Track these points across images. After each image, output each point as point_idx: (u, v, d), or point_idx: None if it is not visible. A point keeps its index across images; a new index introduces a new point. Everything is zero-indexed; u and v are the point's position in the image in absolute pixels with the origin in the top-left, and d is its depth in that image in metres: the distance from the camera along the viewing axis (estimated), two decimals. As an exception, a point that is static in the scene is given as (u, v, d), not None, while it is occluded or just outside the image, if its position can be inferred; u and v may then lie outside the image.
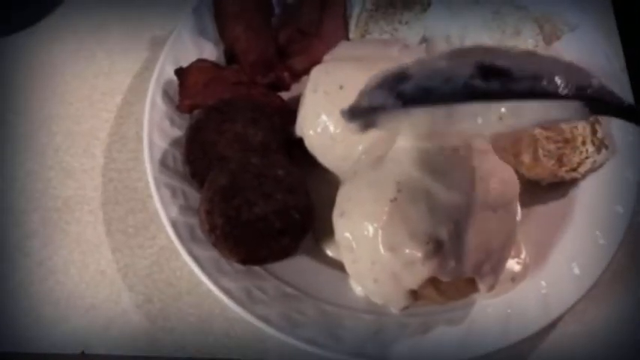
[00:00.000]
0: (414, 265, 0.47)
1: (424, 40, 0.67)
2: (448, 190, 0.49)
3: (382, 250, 0.48)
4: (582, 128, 0.59)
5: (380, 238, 0.48)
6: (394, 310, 0.53)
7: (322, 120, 0.56)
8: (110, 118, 0.66)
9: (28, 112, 0.67)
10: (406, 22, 0.67)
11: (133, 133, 0.65)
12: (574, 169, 0.59)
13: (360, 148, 0.55)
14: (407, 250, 0.47)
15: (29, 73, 0.69)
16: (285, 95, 0.64)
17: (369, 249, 0.49)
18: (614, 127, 0.61)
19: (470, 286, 0.50)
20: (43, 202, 0.62)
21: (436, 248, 0.47)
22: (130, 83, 0.68)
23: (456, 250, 0.47)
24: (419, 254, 0.47)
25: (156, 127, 0.59)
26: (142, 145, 0.60)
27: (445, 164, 0.49)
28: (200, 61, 0.61)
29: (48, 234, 0.61)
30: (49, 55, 0.70)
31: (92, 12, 0.73)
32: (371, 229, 0.48)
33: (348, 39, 0.67)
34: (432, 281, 0.48)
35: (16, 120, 0.66)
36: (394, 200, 0.48)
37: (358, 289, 0.55)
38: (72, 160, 0.64)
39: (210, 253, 0.54)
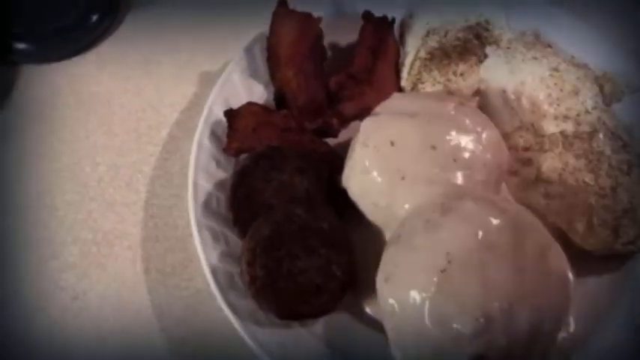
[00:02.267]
0: (461, 342, 0.45)
1: (478, 93, 0.65)
2: (503, 266, 0.47)
3: (428, 323, 0.46)
4: (642, 198, 0.57)
5: (427, 310, 0.46)
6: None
7: (371, 175, 0.55)
8: (155, 152, 0.66)
9: (74, 142, 0.67)
10: (461, 74, 0.65)
11: (177, 168, 0.65)
12: (631, 242, 0.56)
13: (408, 207, 0.53)
14: (455, 326, 0.45)
15: (77, 101, 0.69)
16: (332, 142, 0.62)
17: (415, 320, 0.47)
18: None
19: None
20: (82, 234, 0.62)
21: (487, 325, 0.45)
22: (177, 118, 0.68)
23: (507, 329, 0.45)
24: (467, 331, 0.45)
25: (201, 168, 0.59)
26: (185, 182, 0.60)
27: (503, 238, 0.47)
28: (250, 104, 0.61)
29: (85, 268, 0.60)
30: (98, 85, 0.70)
31: (142, 44, 0.73)
32: (418, 298, 0.47)
33: (400, 87, 0.66)
34: (480, 358, 0.46)
35: (61, 148, 0.66)
36: (444, 271, 0.46)
37: (398, 356, 0.53)
38: (114, 192, 0.64)
39: (247, 303, 0.53)
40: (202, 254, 0.55)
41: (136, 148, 0.66)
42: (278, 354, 0.51)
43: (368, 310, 0.56)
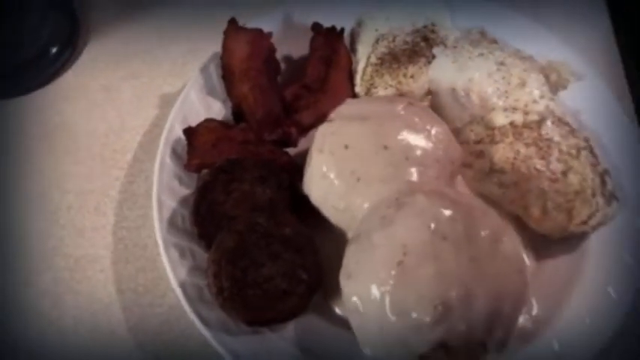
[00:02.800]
0: (422, 330, 0.47)
1: (429, 93, 0.67)
2: (457, 254, 0.48)
3: (390, 315, 0.48)
4: (591, 180, 0.59)
5: (387, 303, 0.48)
6: (404, 372, 0.52)
7: (329, 179, 0.57)
8: (121, 176, 0.67)
9: (41, 171, 0.68)
10: (411, 76, 0.67)
11: (143, 190, 0.66)
12: (584, 223, 0.58)
13: (366, 206, 0.55)
14: (415, 315, 0.47)
15: (42, 132, 0.71)
16: (292, 151, 0.64)
17: (377, 313, 0.49)
18: (624, 177, 0.61)
19: (480, 350, 0.49)
20: (55, 261, 0.63)
21: (445, 312, 0.46)
22: (141, 141, 0.70)
23: (465, 314, 0.47)
24: (427, 319, 0.47)
25: (165, 187, 0.60)
26: (152, 203, 0.61)
27: (455, 228, 0.49)
28: (208, 120, 0.62)
29: (59, 294, 0.61)
30: (61, 115, 0.72)
31: (102, 72, 0.75)
32: (378, 293, 0.48)
33: (353, 93, 0.68)
34: (442, 345, 0.48)
35: (28, 180, 0.67)
36: (401, 263, 0.48)
37: (367, 351, 0.54)
38: (83, 218, 0.65)
39: (217, 314, 0.54)
40: (170, 271, 0.56)
41: (102, 173, 0.68)
42: (250, 360, 0.52)
43: (337, 310, 0.57)
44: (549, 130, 0.62)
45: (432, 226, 0.49)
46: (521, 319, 0.54)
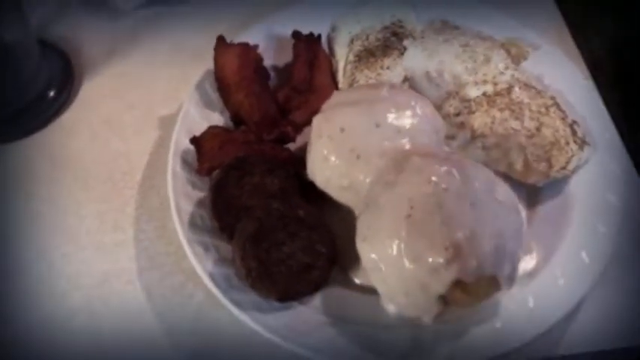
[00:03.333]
0: (438, 271, 0.52)
1: (406, 79, 0.74)
2: (458, 202, 0.54)
3: (407, 264, 0.53)
4: (563, 131, 0.66)
5: (403, 253, 0.53)
6: (427, 320, 0.56)
7: (330, 161, 0.62)
8: (134, 194, 0.71)
9: (56, 201, 0.72)
10: (388, 67, 0.74)
11: (157, 204, 0.70)
12: (564, 168, 0.64)
13: (368, 180, 0.60)
14: (430, 259, 0.52)
15: (50, 166, 0.74)
16: (291, 147, 0.70)
17: (396, 265, 0.53)
18: (591, 126, 0.68)
19: (493, 284, 0.54)
20: (82, 281, 0.66)
21: (456, 252, 0.52)
22: (148, 160, 0.74)
23: (474, 251, 0.52)
24: (441, 260, 0.51)
25: (180, 193, 0.65)
26: (167, 214, 0.65)
27: (452, 180, 0.54)
28: (212, 127, 0.68)
29: (92, 310, 0.64)
30: (67, 149, 0.76)
31: (101, 106, 0.79)
32: (394, 246, 0.53)
33: (338, 89, 0.74)
34: (459, 284, 0.53)
35: (45, 210, 0.71)
36: (409, 217, 0.53)
37: (390, 308, 0.58)
38: (103, 238, 0.69)
39: (248, 297, 0.58)
40: (197, 265, 0.60)
41: (115, 194, 0.72)
42: (287, 333, 0.56)
43: (355, 279, 0.61)
44: (518, 95, 0.69)
45: (432, 179, 0.54)
46: (525, 260, 0.60)
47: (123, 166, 0.74)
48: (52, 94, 0.80)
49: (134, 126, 0.77)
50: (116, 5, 0.88)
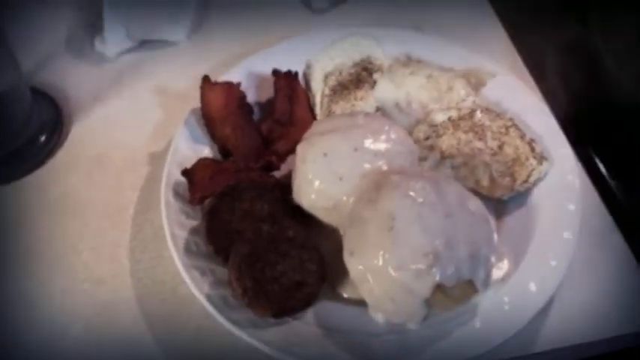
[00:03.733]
0: (421, 277, 0.57)
1: (378, 109, 0.80)
2: (435, 214, 0.60)
3: (392, 272, 0.58)
4: (522, 148, 0.73)
5: (388, 262, 0.58)
6: (413, 325, 0.61)
7: (315, 184, 0.67)
8: (127, 228, 0.75)
9: (53, 239, 0.74)
10: (361, 99, 0.81)
11: (151, 235, 0.74)
12: (525, 181, 0.71)
13: (351, 200, 0.66)
14: (413, 266, 0.57)
15: (45, 205, 0.77)
16: (276, 174, 0.75)
17: (382, 274, 0.58)
18: (547, 143, 0.75)
19: (471, 288, 0.60)
20: (83, 311, 0.68)
21: (435, 258, 0.57)
22: (139, 196, 0.78)
23: (451, 257, 0.57)
24: (423, 266, 0.57)
25: (174, 222, 0.68)
26: (162, 244, 0.69)
27: (428, 194, 0.60)
28: (202, 159, 0.72)
29: (93, 340, 0.66)
30: (60, 187, 0.79)
31: (91, 147, 0.83)
32: (379, 257, 0.58)
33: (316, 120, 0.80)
34: (439, 288, 0.58)
35: (43, 247, 0.73)
36: (392, 229, 0.59)
37: (378, 317, 0.63)
38: (101, 270, 0.71)
39: (245, 315, 0.62)
40: (194, 288, 0.64)
41: (109, 228, 0.75)
42: (283, 346, 0.60)
43: (344, 293, 0.66)
44: (480, 118, 0.76)
45: (410, 194, 0.60)
46: (497, 267, 0.65)
47: (117, 201, 0.77)
48: (43, 138, 0.84)
49: (125, 163, 0.81)
50: (101, 52, 0.93)
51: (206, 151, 0.76)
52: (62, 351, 0.66)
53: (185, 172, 0.71)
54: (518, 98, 0.79)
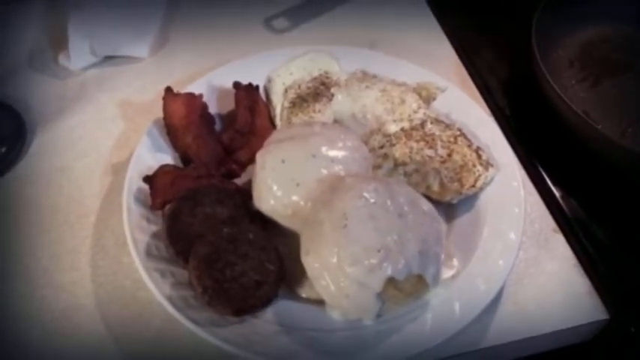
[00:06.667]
0: (373, 271, 0.60)
1: (335, 121, 0.84)
2: (387, 213, 0.63)
3: (346, 268, 0.60)
4: (470, 155, 0.77)
5: (343, 259, 0.60)
6: (368, 320, 0.64)
7: (273, 190, 0.69)
8: (89, 235, 0.76)
9: (12, 246, 0.75)
10: (319, 111, 0.84)
11: (111, 242, 0.75)
12: (473, 186, 0.75)
13: (309, 205, 0.69)
14: (365, 261, 0.60)
15: (6, 214, 0.78)
16: (237, 182, 0.77)
17: (337, 271, 0.61)
18: (493, 151, 0.80)
19: (421, 283, 0.63)
20: (40, 317, 0.68)
21: (386, 253, 0.60)
22: (101, 204, 0.79)
23: (402, 252, 0.61)
24: (374, 261, 0.60)
25: (135, 226, 0.70)
26: (122, 251, 0.71)
27: (380, 195, 0.63)
28: (163, 166, 0.74)
29: (52, 345, 0.66)
30: (23, 197, 0.79)
31: (54, 158, 0.84)
32: (334, 254, 0.61)
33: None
34: (391, 283, 0.61)
35: (1, 254, 0.74)
36: (345, 227, 0.62)
37: (335, 314, 0.65)
38: (61, 276, 0.72)
39: (205, 314, 0.63)
40: (156, 290, 0.65)
41: (70, 236, 0.75)
42: (244, 344, 0.61)
43: (302, 293, 0.68)
44: (431, 128, 0.81)
45: (363, 194, 0.63)
46: (446, 265, 0.69)
47: (78, 209, 0.78)
48: (3, 149, 0.84)
49: (87, 173, 0.82)
50: (65, 65, 0.94)
51: (168, 160, 0.78)
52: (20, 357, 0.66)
53: (147, 179, 0.73)
54: (466, 111, 0.85)
